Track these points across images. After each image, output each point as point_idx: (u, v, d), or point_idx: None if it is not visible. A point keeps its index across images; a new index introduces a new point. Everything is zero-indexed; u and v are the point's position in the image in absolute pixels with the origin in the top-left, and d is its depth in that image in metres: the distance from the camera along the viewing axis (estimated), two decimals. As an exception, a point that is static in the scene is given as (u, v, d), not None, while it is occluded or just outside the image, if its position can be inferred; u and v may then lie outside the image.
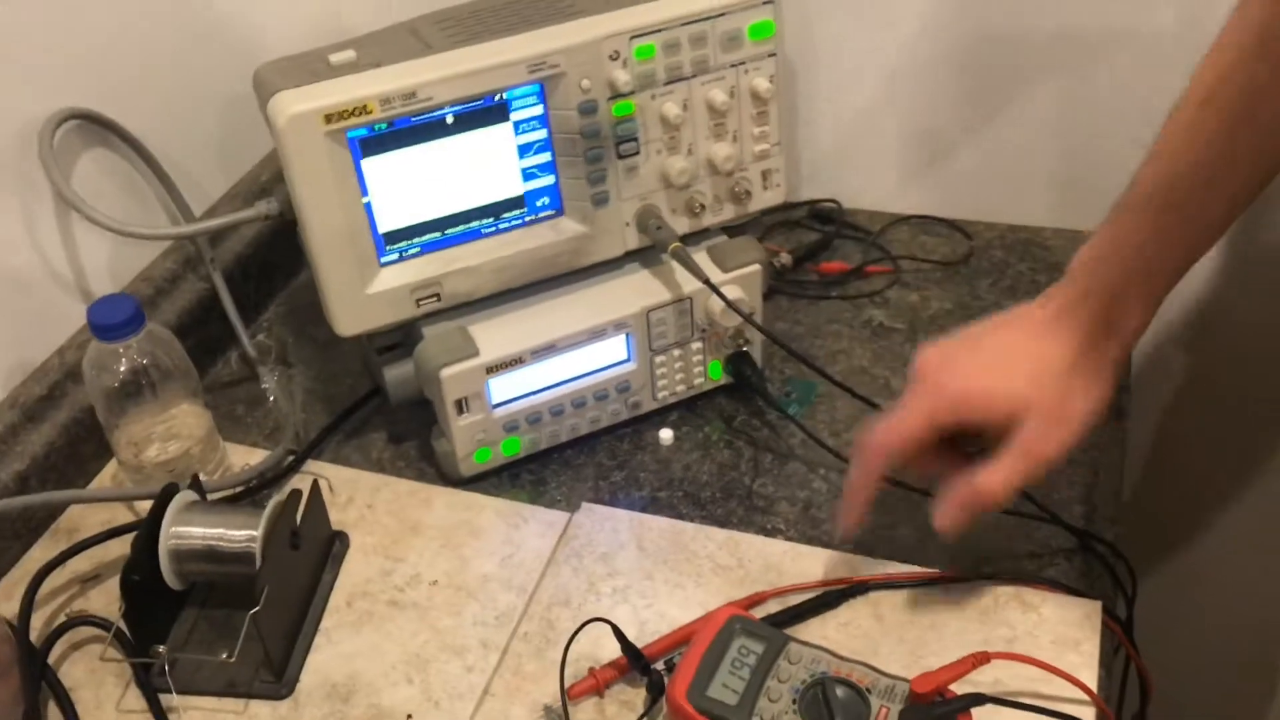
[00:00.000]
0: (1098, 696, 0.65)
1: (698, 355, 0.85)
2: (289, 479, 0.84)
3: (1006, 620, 0.70)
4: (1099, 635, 0.69)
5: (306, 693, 0.70)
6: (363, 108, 0.72)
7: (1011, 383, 0.64)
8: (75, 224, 0.86)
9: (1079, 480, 0.79)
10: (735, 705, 0.62)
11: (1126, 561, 0.75)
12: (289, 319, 1.00)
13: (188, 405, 0.80)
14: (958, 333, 0.69)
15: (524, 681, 0.70)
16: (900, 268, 1.00)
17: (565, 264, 0.82)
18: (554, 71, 0.75)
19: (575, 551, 0.77)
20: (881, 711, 0.61)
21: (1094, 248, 0.66)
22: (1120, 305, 0.64)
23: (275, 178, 1.03)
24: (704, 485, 0.82)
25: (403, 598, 0.75)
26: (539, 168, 0.80)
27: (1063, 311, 0.65)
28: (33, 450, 0.80)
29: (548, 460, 0.85)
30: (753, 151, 0.83)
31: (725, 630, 0.66)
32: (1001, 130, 1.00)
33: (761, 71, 0.81)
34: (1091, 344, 0.65)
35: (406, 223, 0.78)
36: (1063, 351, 0.65)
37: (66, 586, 0.77)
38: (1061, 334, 0.65)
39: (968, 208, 1.04)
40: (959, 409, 0.65)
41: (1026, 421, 0.64)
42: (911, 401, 0.66)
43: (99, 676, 0.72)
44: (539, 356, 0.79)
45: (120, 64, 0.89)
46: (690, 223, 0.84)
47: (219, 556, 0.70)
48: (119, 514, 0.82)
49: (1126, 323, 0.65)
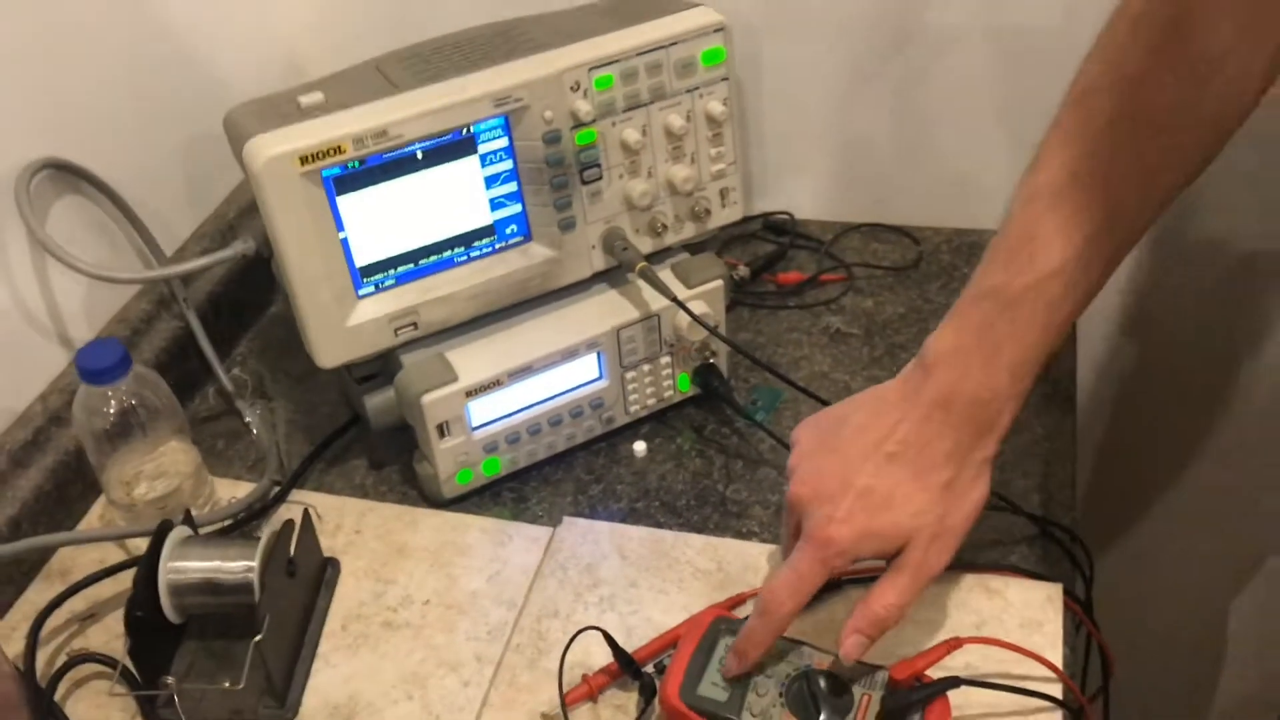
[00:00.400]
0: (1064, 673, 0.69)
1: (666, 369, 0.88)
2: (276, 509, 0.86)
3: (974, 607, 0.74)
4: (1061, 616, 0.73)
5: (309, 716, 0.72)
6: (336, 148, 0.74)
7: (896, 519, 0.65)
8: (50, 271, 0.88)
9: (1035, 471, 0.83)
10: (725, 701, 0.65)
11: (1083, 545, 0.79)
12: (262, 353, 1.03)
13: (175, 443, 0.82)
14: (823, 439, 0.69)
15: (519, 692, 0.72)
16: (853, 275, 1.04)
17: (536, 288, 0.85)
18: (518, 105, 0.78)
19: (560, 564, 0.80)
20: (864, 699, 0.65)
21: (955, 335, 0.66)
22: (991, 408, 0.65)
23: (241, 215, 1.05)
24: (679, 494, 0.85)
25: (396, 618, 0.77)
26: (506, 197, 0.83)
27: (932, 416, 0.65)
28: (22, 495, 0.81)
29: (527, 478, 0.87)
30: (710, 171, 0.87)
31: (711, 631, 0.69)
32: (941, 138, 1.05)
33: (715, 95, 0.85)
34: (965, 452, 0.65)
35: (382, 256, 0.80)
36: (937, 468, 0.65)
37: (65, 626, 0.78)
38: (934, 444, 0.65)
39: (914, 214, 1.08)
40: (851, 556, 0.66)
41: (912, 546, 0.65)
42: (805, 563, 0.65)
43: (105, 712, 0.73)
44: (515, 378, 0.82)
45: (89, 113, 0.91)
46: (653, 242, 0.87)
47: (218, 588, 0.72)
48: (110, 553, 0.83)
49: (999, 423, 0.65)
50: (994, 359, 0.64)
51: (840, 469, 0.67)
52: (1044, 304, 0.63)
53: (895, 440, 0.66)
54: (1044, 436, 0.86)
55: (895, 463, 0.66)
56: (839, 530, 0.65)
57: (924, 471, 0.65)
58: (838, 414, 0.71)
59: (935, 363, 0.66)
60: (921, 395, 0.66)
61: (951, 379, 0.65)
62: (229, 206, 1.05)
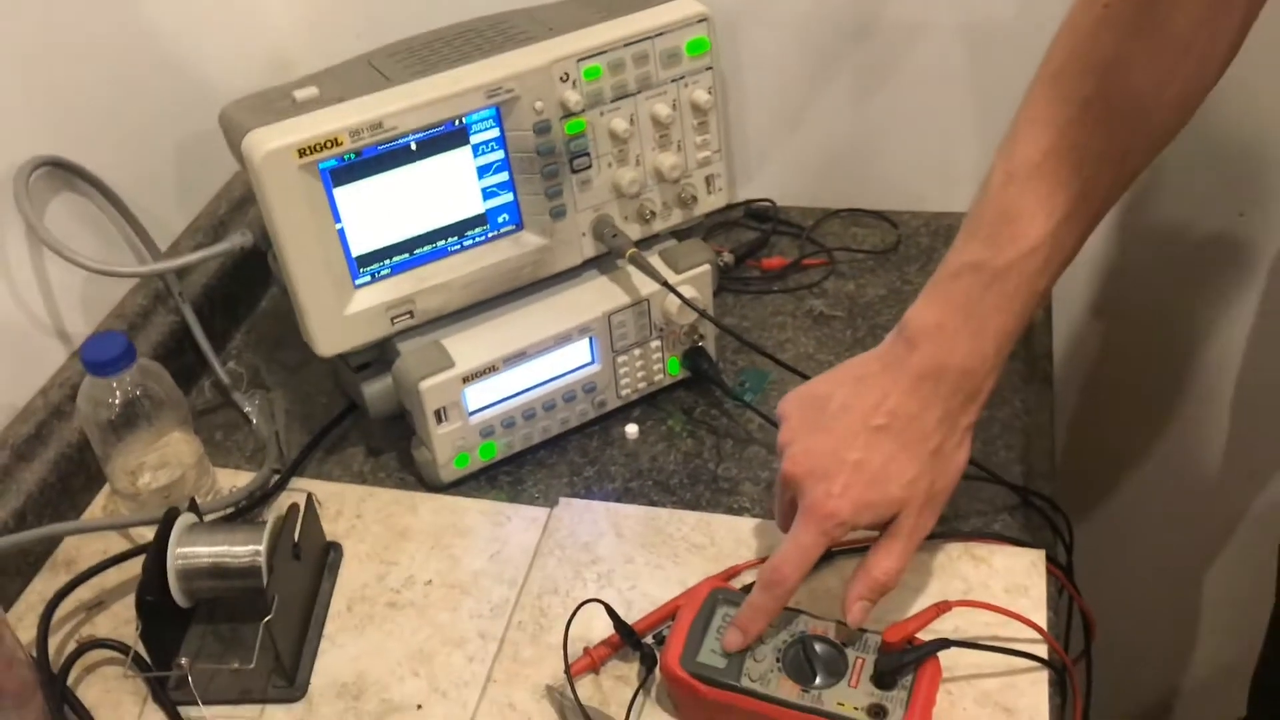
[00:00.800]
0: (1049, 634, 0.72)
1: (657, 353, 0.90)
2: (276, 497, 0.88)
3: (960, 574, 0.77)
4: (1045, 581, 0.76)
5: (319, 694, 0.74)
6: (333, 140, 0.76)
7: (890, 490, 0.67)
8: (49, 268, 0.89)
9: (1016, 444, 0.86)
10: (725, 668, 0.68)
11: (1064, 513, 0.82)
12: (257, 346, 1.04)
13: (179, 433, 0.84)
14: (810, 417, 0.71)
15: (523, 667, 0.74)
16: (835, 259, 1.06)
17: (528, 275, 0.87)
18: (509, 96, 0.80)
19: (559, 543, 0.82)
20: (858, 662, 0.67)
21: (939, 309, 0.68)
22: (977, 376, 0.67)
23: (232, 211, 1.07)
24: (671, 473, 0.88)
25: (400, 599, 0.79)
26: (498, 186, 0.85)
27: (919, 387, 0.68)
28: (27, 488, 0.83)
29: (523, 462, 0.89)
30: (696, 159, 0.89)
31: (709, 601, 0.71)
32: (916, 124, 1.07)
33: (700, 84, 0.87)
34: (953, 419, 0.68)
35: (378, 245, 0.82)
36: (927, 437, 0.67)
37: (73, 614, 0.80)
38: (924, 414, 0.67)
39: (893, 199, 1.11)
40: (850, 527, 0.68)
41: (905, 513, 0.68)
42: (807, 535, 0.67)
43: (115, 696, 0.75)
44: (510, 364, 0.84)
45: (85, 111, 0.92)
46: (642, 229, 0.89)
47: (226, 572, 0.74)
48: (114, 543, 0.85)
49: (984, 390, 0.68)
50: (982, 330, 0.66)
51: (832, 446, 0.69)
52: (1027, 277, 0.65)
53: (883, 412, 0.68)
54: (1024, 411, 0.89)
55: (884, 435, 0.68)
56: (838, 504, 0.67)
57: (913, 442, 0.68)
58: (820, 391, 0.72)
59: (919, 336, 0.68)
60: (907, 367, 0.68)
61: (939, 351, 0.67)
62: (220, 203, 1.07)
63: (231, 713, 0.74)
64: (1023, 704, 0.69)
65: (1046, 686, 0.70)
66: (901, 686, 0.66)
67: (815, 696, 0.66)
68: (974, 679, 0.70)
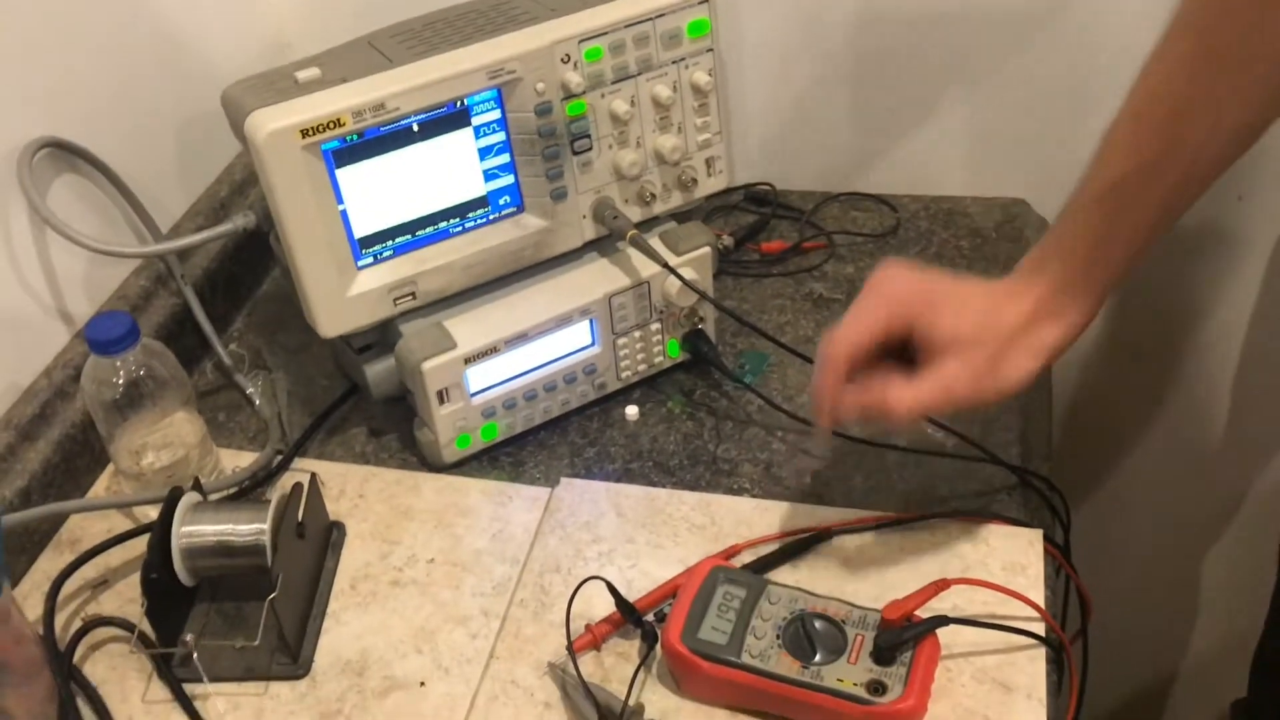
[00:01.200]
0: (1046, 612, 0.73)
1: (656, 335, 0.91)
2: (280, 477, 0.88)
3: (959, 553, 0.77)
4: (1042, 560, 0.76)
5: (323, 670, 0.75)
6: (336, 121, 0.77)
7: (959, 317, 0.68)
8: (52, 249, 0.89)
9: (1013, 424, 0.87)
10: (725, 644, 0.68)
11: (1060, 494, 0.82)
12: (258, 328, 1.04)
13: (182, 413, 0.84)
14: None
15: (525, 643, 0.75)
16: (834, 242, 1.07)
17: (529, 257, 0.87)
18: (511, 77, 0.81)
19: (560, 522, 0.83)
20: (857, 639, 0.68)
21: (1043, 247, 0.69)
22: (1065, 294, 0.68)
23: (233, 193, 1.07)
24: (671, 454, 0.88)
25: (403, 577, 0.80)
26: (500, 168, 0.85)
27: (1013, 293, 0.69)
28: (31, 468, 0.83)
29: (524, 443, 0.90)
30: (696, 141, 0.90)
31: (709, 579, 0.72)
32: (914, 109, 1.08)
33: (700, 66, 0.87)
34: (1034, 323, 0.68)
35: (380, 227, 0.83)
36: (1010, 320, 0.68)
37: (78, 593, 0.80)
38: (1009, 307, 0.68)
39: (892, 183, 1.11)
40: (910, 309, 0.68)
41: (957, 357, 0.67)
42: (864, 306, 0.69)
43: (120, 673, 0.76)
44: (512, 345, 0.85)
45: (87, 93, 0.92)
46: (642, 211, 0.90)
47: (230, 550, 0.75)
48: (118, 522, 0.85)
49: (1069, 312, 0.68)
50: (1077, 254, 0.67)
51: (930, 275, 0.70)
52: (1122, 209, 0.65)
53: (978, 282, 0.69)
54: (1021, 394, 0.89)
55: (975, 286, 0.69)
56: (906, 286, 0.69)
57: (999, 309, 0.68)
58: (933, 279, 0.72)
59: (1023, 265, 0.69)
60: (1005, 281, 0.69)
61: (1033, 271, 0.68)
62: (220, 185, 1.07)
63: (236, 689, 0.74)
64: (1020, 680, 0.70)
65: (1044, 664, 0.71)
66: (900, 663, 0.66)
67: (815, 673, 0.66)
68: (972, 656, 0.71)
